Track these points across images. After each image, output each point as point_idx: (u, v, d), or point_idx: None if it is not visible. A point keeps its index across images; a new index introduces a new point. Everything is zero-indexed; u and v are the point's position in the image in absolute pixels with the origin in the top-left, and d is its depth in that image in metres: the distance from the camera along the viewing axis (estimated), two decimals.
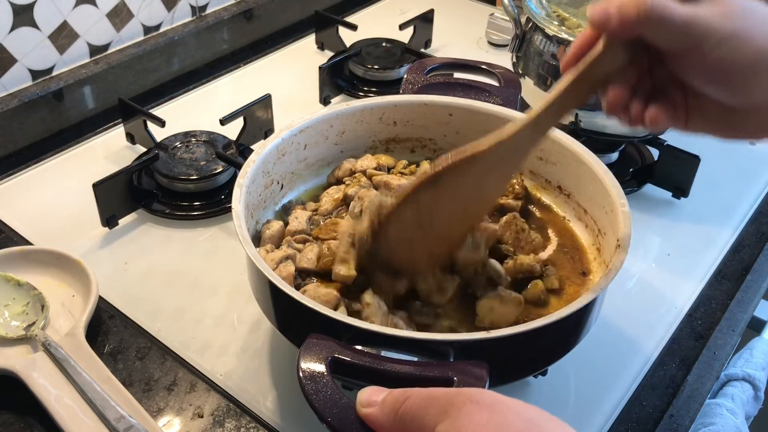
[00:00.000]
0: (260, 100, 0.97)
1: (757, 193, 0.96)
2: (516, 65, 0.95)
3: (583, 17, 0.89)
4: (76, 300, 0.74)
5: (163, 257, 0.83)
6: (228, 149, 0.92)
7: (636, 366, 0.73)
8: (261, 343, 0.73)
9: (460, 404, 0.41)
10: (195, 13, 1.17)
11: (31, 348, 0.68)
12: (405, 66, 1.11)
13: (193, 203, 0.89)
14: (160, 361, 0.71)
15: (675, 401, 0.70)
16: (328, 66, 1.08)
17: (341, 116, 0.78)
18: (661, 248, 0.87)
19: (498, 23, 1.23)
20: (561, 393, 0.70)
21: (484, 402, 0.41)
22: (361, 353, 0.53)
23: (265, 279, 0.58)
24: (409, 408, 0.44)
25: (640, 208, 0.91)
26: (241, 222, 0.63)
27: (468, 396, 0.42)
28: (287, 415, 0.67)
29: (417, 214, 0.62)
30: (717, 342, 0.76)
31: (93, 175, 0.84)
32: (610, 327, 0.75)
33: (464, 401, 0.42)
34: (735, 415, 0.83)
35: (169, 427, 0.65)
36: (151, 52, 1.10)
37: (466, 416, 0.41)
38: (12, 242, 0.83)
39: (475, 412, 0.41)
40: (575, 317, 0.59)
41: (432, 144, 0.82)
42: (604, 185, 0.69)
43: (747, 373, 0.88)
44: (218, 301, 0.78)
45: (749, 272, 0.84)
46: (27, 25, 0.97)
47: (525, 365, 0.62)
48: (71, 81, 1.02)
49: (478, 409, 0.41)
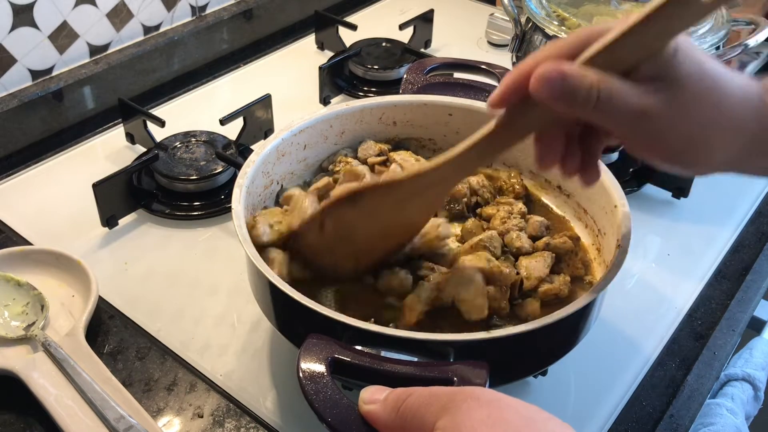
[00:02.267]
0: (260, 100, 0.97)
1: (757, 193, 0.96)
2: (516, 65, 0.95)
3: (583, 17, 0.89)
4: (76, 300, 0.74)
5: (163, 257, 0.83)
6: (228, 149, 0.92)
7: (636, 366, 0.73)
8: (261, 343, 0.73)
9: (460, 401, 0.42)
10: (195, 13, 1.17)
11: (31, 348, 0.68)
12: (405, 66, 1.11)
13: (193, 203, 0.89)
14: (160, 361, 0.71)
15: (675, 401, 0.70)
16: (328, 66, 1.08)
17: (341, 116, 0.78)
18: (661, 248, 0.87)
19: (498, 23, 1.23)
20: (561, 393, 0.70)
21: (483, 399, 0.42)
22: (361, 353, 0.53)
23: (265, 279, 0.58)
24: (410, 405, 0.44)
25: (640, 208, 0.91)
26: (241, 222, 0.63)
27: (468, 393, 0.42)
28: (287, 415, 0.67)
29: (337, 225, 0.63)
30: (717, 342, 0.76)
31: (93, 175, 0.84)
32: (610, 327, 0.75)
33: (464, 398, 0.42)
34: (735, 415, 0.83)
35: (169, 427, 0.65)
36: (151, 52, 1.10)
37: (466, 412, 0.41)
38: (12, 242, 0.83)
39: (475, 409, 0.41)
40: (575, 317, 0.59)
41: (432, 144, 0.82)
42: (604, 185, 0.69)
43: (747, 373, 0.88)
44: (218, 301, 0.78)
45: (749, 272, 0.84)
46: (27, 25, 0.96)
47: (525, 365, 0.62)
48: (71, 81, 1.02)
49: (478, 405, 0.41)
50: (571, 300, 0.64)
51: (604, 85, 0.47)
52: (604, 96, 0.46)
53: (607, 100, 0.47)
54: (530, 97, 0.49)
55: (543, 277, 0.66)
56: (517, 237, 0.69)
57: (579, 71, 0.47)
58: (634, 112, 0.47)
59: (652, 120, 0.47)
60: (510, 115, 0.53)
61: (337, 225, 0.63)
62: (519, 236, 0.69)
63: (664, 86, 0.47)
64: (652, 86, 0.47)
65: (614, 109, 0.47)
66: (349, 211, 0.62)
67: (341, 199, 0.62)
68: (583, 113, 0.48)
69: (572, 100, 0.47)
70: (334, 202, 0.63)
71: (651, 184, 0.93)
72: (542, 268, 0.66)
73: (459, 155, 0.57)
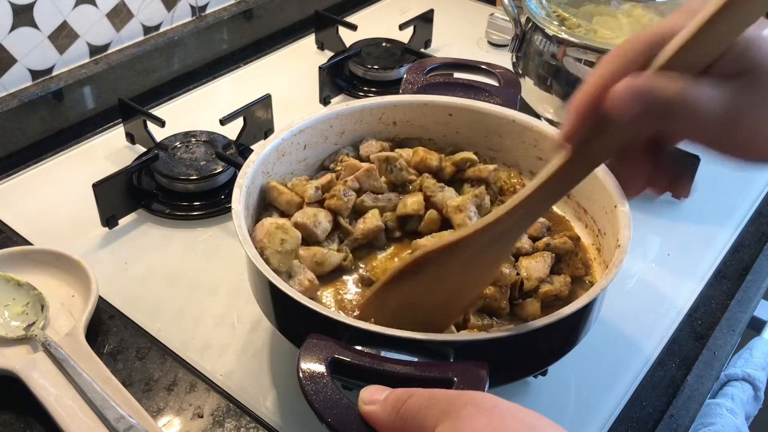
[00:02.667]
0: (260, 100, 0.97)
1: (757, 193, 0.96)
2: (516, 65, 0.95)
3: (583, 17, 0.89)
4: (76, 300, 0.74)
5: (163, 257, 0.83)
6: (228, 149, 0.92)
7: (636, 366, 0.73)
8: (261, 343, 0.73)
9: (461, 406, 0.42)
10: (195, 13, 1.17)
11: (31, 348, 0.68)
12: (405, 66, 1.11)
13: (193, 203, 0.89)
14: (160, 361, 0.71)
15: (675, 401, 0.70)
16: (328, 66, 1.08)
17: (341, 116, 0.78)
18: (661, 248, 0.87)
19: (498, 23, 1.23)
20: (561, 393, 0.70)
21: (484, 405, 0.41)
22: (361, 353, 0.53)
23: (265, 279, 0.58)
24: (410, 407, 0.44)
25: (640, 208, 0.91)
26: (241, 222, 0.63)
27: (468, 399, 0.42)
28: (287, 415, 0.67)
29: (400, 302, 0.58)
30: (717, 342, 0.76)
31: (93, 175, 0.84)
32: (610, 327, 0.75)
33: (464, 404, 0.42)
34: (735, 415, 0.83)
35: (169, 427, 0.65)
36: (151, 52, 1.10)
37: (466, 419, 0.41)
38: (12, 242, 0.83)
39: (475, 415, 0.41)
40: (575, 317, 0.59)
41: (432, 144, 0.82)
42: (604, 185, 0.68)
43: (747, 373, 0.88)
44: (218, 301, 0.78)
45: (749, 272, 0.84)
46: (27, 25, 0.97)
47: (525, 365, 0.62)
48: (71, 81, 1.02)
49: (478, 412, 0.41)
50: (571, 300, 0.64)
51: (691, 92, 0.43)
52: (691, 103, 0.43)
53: (695, 107, 0.43)
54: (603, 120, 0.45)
55: (543, 278, 0.66)
56: None
57: (663, 82, 0.43)
58: (722, 116, 0.43)
59: (738, 120, 0.44)
60: (581, 143, 0.48)
61: (400, 301, 0.58)
62: None
63: (744, 82, 0.44)
64: (732, 85, 0.44)
65: (702, 116, 0.43)
66: (411, 284, 0.57)
67: (403, 270, 0.56)
68: (670, 125, 0.45)
69: (662, 114, 0.43)
70: (395, 276, 0.56)
71: None
72: (542, 268, 0.66)
73: (531, 196, 0.51)
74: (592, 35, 0.86)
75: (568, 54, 0.86)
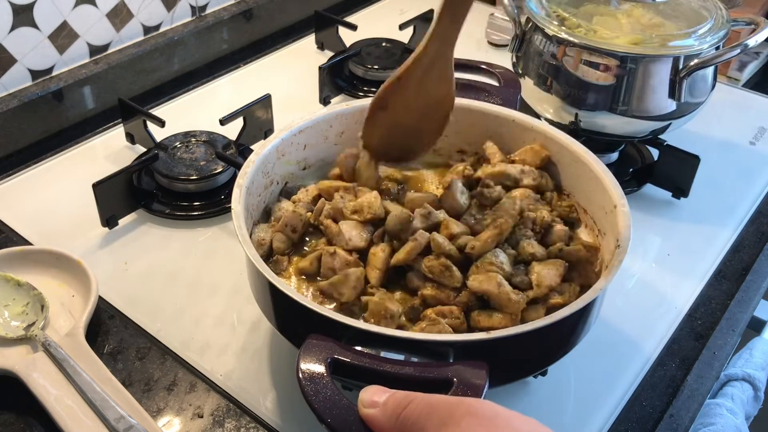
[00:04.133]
0: (260, 100, 0.97)
1: (757, 193, 0.96)
2: (516, 65, 0.95)
3: (583, 17, 0.89)
4: (76, 300, 0.74)
5: (163, 257, 0.83)
6: (228, 149, 0.92)
7: (636, 366, 0.73)
8: (261, 343, 0.73)
9: (459, 417, 0.42)
10: (195, 13, 1.17)
11: (31, 348, 0.68)
12: None
13: (192, 203, 0.89)
14: (159, 361, 0.71)
15: (675, 401, 0.70)
16: (328, 66, 1.08)
17: (341, 116, 0.78)
18: (661, 248, 0.87)
19: (498, 23, 1.23)
20: (561, 393, 0.70)
21: (483, 415, 0.42)
22: (360, 354, 0.53)
23: (265, 279, 0.58)
24: (410, 413, 0.44)
25: (640, 208, 0.91)
26: (240, 222, 0.63)
27: (467, 408, 0.42)
28: (287, 415, 0.67)
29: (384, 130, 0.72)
30: (717, 342, 0.76)
31: (93, 175, 0.84)
32: (610, 327, 0.75)
33: (463, 414, 0.42)
34: (735, 415, 0.83)
35: (169, 427, 0.65)
36: (150, 52, 1.10)
37: (465, 430, 0.41)
38: (12, 242, 0.83)
39: (474, 426, 0.41)
40: (575, 317, 0.59)
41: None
42: (604, 185, 0.68)
43: (747, 373, 0.88)
44: (218, 301, 0.78)
45: (749, 272, 0.84)
46: (27, 25, 0.97)
47: (525, 365, 0.62)
48: (71, 81, 1.02)
49: (477, 422, 0.41)
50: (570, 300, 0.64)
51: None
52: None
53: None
54: None
55: (554, 286, 0.64)
56: (529, 244, 0.66)
57: None
58: None
59: None
60: None
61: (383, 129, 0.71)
62: (531, 243, 0.66)
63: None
64: None
65: None
66: (385, 115, 0.71)
67: (372, 109, 0.70)
68: None
69: None
70: (369, 116, 0.71)
71: (651, 184, 0.93)
72: (554, 276, 0.64)
73: (434, 31, 0.66)
74: (592, 35, 0.86)
75: (568, 54, 0.86)
